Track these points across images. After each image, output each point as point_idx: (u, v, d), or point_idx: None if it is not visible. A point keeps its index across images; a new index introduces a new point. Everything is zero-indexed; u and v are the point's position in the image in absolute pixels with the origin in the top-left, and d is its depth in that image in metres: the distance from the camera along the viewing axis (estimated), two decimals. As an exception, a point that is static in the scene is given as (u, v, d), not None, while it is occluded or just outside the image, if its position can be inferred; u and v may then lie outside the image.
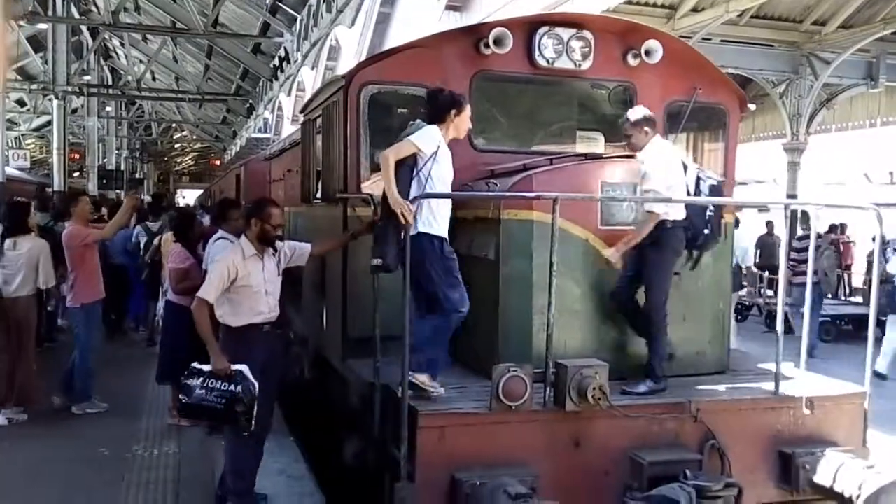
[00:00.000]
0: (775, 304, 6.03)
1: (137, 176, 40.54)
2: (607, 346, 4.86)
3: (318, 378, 6.42)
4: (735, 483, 4.15)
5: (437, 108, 4.53)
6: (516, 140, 6.07)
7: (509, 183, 4.83)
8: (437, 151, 4.38)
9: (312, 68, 17.42)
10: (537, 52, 5.50)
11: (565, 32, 5.54)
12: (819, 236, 17.62)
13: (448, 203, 4.51)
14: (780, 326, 4.77)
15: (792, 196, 16.84)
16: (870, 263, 16.32)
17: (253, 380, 4.62)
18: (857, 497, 4.15)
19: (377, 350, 4.40)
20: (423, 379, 4.29)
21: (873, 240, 6.31)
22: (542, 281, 4.37)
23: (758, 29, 15.36)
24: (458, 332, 4.57)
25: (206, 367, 4.64)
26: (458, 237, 4.75)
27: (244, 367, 4.63)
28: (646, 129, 4.81)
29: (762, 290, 15.15)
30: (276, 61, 16.60)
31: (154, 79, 28.45)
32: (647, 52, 5.73)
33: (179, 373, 4.93)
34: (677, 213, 4.73)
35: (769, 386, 4.74)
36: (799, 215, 14.95)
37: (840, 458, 4.43)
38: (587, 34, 5.58)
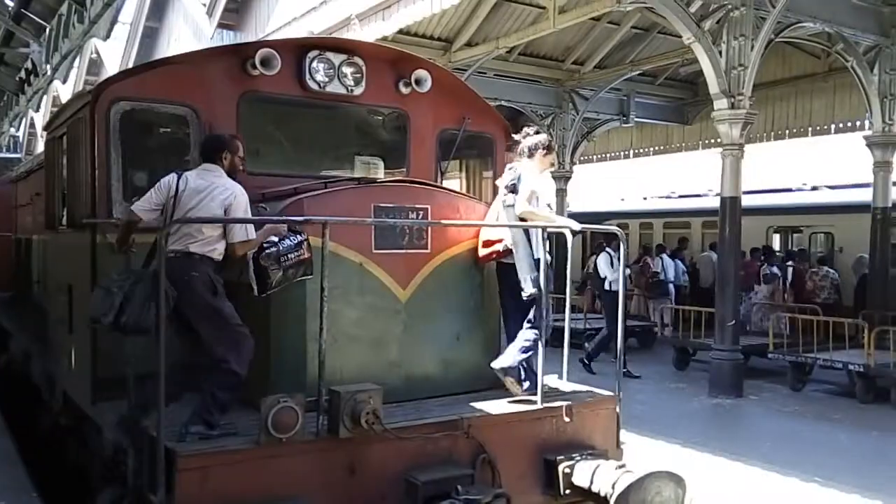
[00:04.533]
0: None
1: None
2: (385, 370, 4.86)
3: (67, 425, 5.81)
4: (503, 493, 4.31)
5: (532, 146, 5.48)
6: (290, 164, 5.95)
7: (280, 207, 4.71)
8: None
9: (64, 82, 15.94)
10: (308, 76, 5.46)
11: (336, 57, 5.56)
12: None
13: None
14: (542, 342, 5.07)
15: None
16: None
17: None
18: (611, 495, 4.47)
19: (131, 390, 4.04)
20: None
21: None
22: (315, 306, 4.28)
23: (526, 66, 16.52)
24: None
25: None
26: (227, 265, 4.54)
27: None
28: None
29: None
30: (23, 73, 14.98)
31: None
32: (418, 81, 5.91)
33: None
34: None
35: (535, 398, 4.99)
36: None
37: (596, 460, 4.76)
38: (358, 60, 5.64)
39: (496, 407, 4.92)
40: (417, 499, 4.22)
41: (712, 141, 18.52)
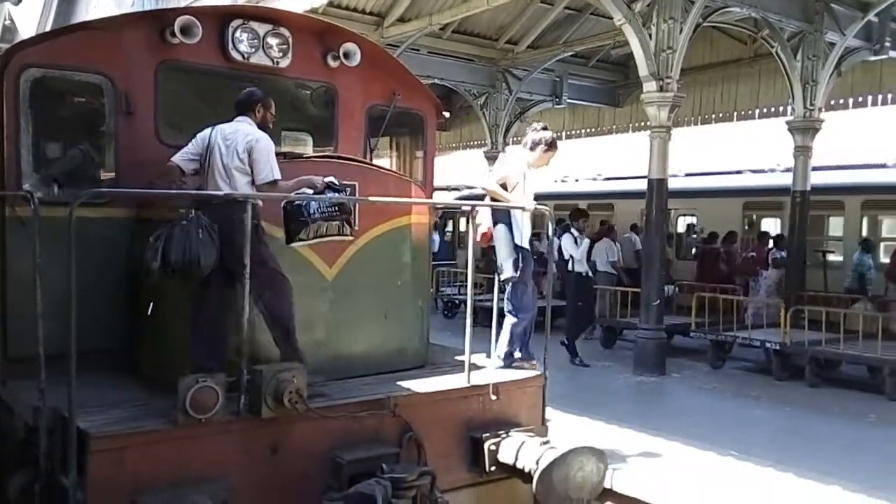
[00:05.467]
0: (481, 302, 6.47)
1: None
2: (311, 349, 4.75)
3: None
4: (429, 471, 4.32)
5: (535, 140, 5.63)
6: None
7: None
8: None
9: (-26, 49, 15.11)
10: (231, 46, 5.29)
11: (261, 27, 5.40)
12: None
13: None
14: (468, 320, 5.08)
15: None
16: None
17: None
18: (535, 471, 4.55)
19: (42, 369, 3.86)
20: None
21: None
22: (237, 284, 4.20)
23: (460, 44, 16.41)
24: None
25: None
26: (140, 239, 4.39)
27: None
28: None
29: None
30: (-67, 39, 14.13)
31: None
32: (346, 55, 5.80)
33: None
34: None
35: (462, 376, 5.03)
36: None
37: (521, 437, 4.83)
38: (284, 31, 5.49)
39: (423, 385, 4.92)
40: (342, 477, 4.20)
41: (642, 124, 18.83)
